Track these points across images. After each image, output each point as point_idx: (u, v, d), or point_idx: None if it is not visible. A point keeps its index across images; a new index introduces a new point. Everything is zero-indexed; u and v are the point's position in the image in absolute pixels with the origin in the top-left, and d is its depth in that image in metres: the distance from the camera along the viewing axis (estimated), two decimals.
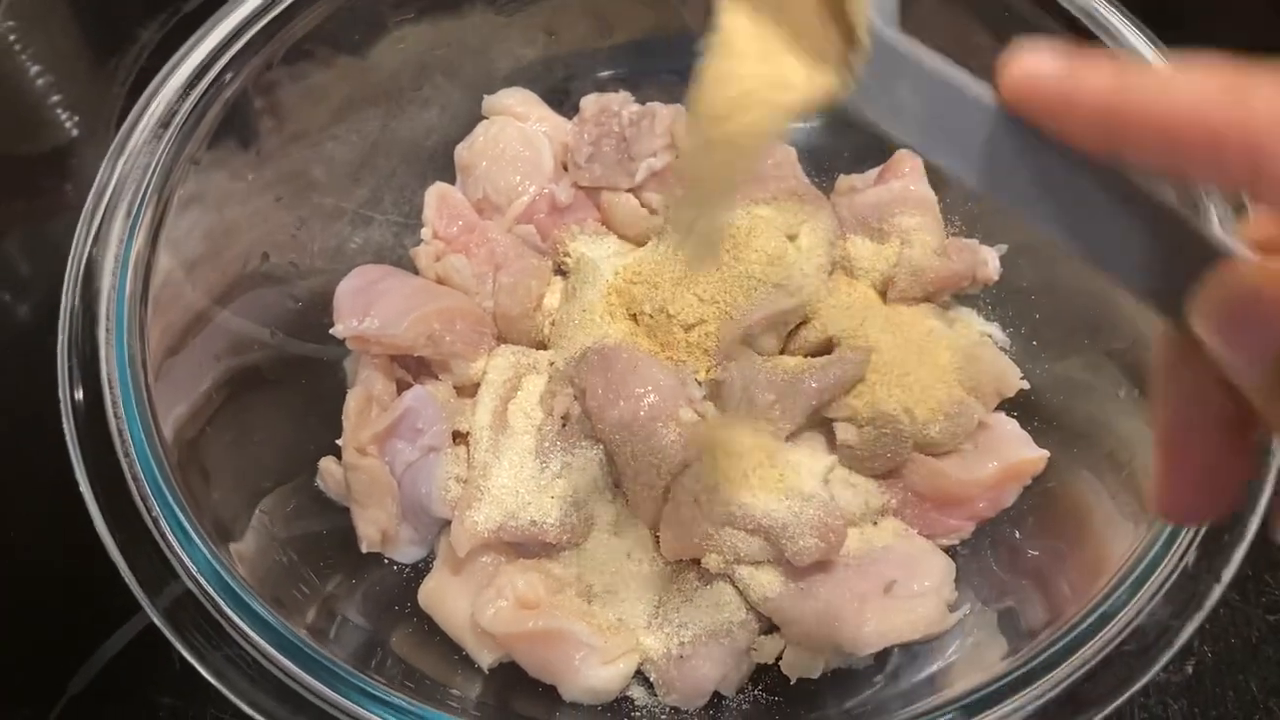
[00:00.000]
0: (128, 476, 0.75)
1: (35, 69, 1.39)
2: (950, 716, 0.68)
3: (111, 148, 0.85)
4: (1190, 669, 0.95)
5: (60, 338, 0.79)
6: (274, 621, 0.73)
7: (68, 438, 0.76)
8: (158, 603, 0.73)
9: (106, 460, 0.76)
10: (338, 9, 0.96)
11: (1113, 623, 0.69)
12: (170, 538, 0.74)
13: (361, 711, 0.71)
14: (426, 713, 0.72)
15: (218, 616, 0.72)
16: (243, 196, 0.94)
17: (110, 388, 0.77)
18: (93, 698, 0.96)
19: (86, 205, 0.83)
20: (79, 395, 0.77)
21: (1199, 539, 0.70)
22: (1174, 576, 0.69)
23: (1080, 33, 0.90)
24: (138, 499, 0.75)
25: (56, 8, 1.45)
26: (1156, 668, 0.67)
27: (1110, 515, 0.82)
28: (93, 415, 0.77)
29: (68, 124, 1.37)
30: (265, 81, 0.94)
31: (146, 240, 0.83)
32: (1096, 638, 0.69)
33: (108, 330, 0.79)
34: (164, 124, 0.87)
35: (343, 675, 0.72)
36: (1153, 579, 0.70)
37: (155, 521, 0.74)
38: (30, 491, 1.02)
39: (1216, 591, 0.68)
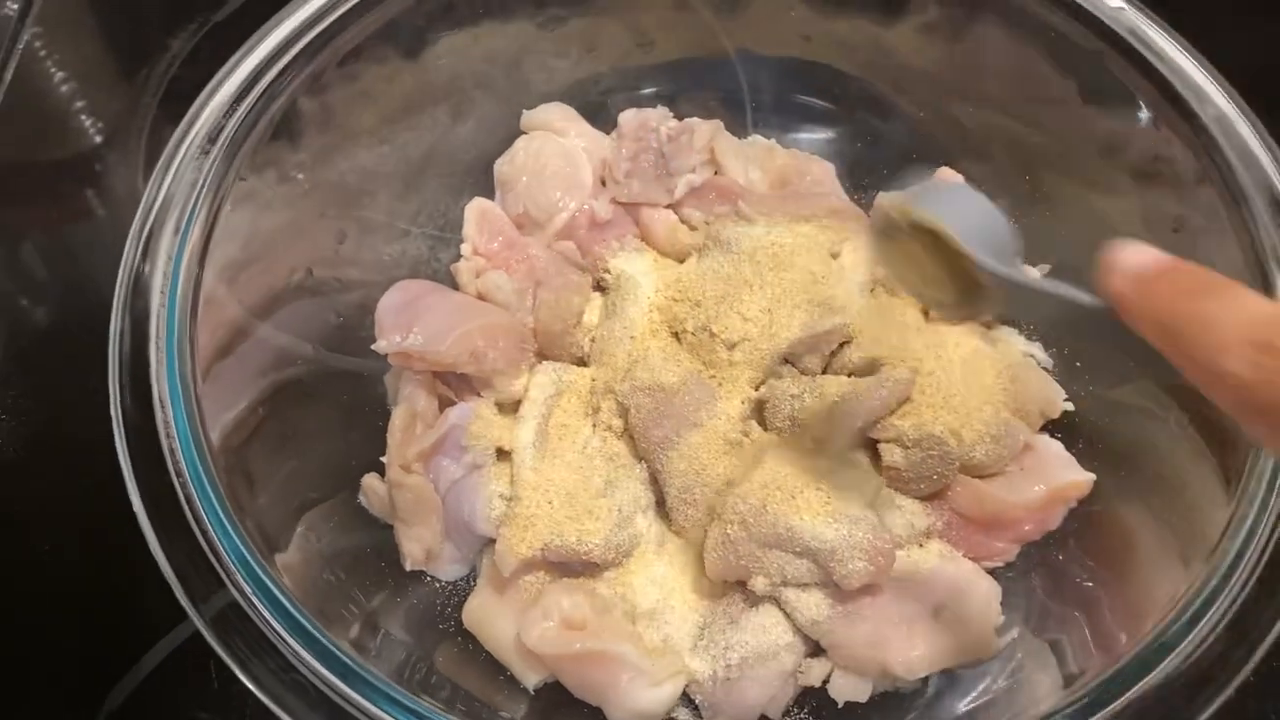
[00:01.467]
0: (177, 488, 0.76)
1: (60, 75, 1.39)
2: None
3: (159, 164, 0.86)
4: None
5: (110, 352, 0.79)
6: (318, 634, 0.73)
7: (119, 452, 0.76)
8: (203, 611, 0.73)
9: (156, 473, 0.76)
10: (382, 24, 0.96)
11: (1170, 657, 0.68)
12: (218, 547, 0.74)
13: None
14: None
15: (263, 628, 0.73)
16: (287, 212, 0.94)
17: (161, 403, 0.78)
18: (130, 712, 0.96)
19: (134, 221, 0.83)
20: (129, 408, 0.78)
21: (1260, 570, 0.70)
22: (1232, 611, 0.69)
23: (1125, 51, 0.90)
24: (187, 510, 0.75)
25: (84, 16, 1.45)
26: (1215, 704, 0.67)
27: (1160, 540, 0.82)
28: (143, 429, 0.77)
29: (91, 131, 1.37)
30: (310, 96, 0.94)
31: (195, 256, 0.83)
32: (1152, 673, 0.68)
33: (158, 346, 0.79)
34: (211, 139, 0.87)
35: (388, 692, 0.72)
36: (1210, 613, 0.69)
37: (203, 532, 0.75)
38: (61, 501, 1.01)
39: (1278, 626, 0.68)
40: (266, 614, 0.73)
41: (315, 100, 0.95)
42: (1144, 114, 0.90)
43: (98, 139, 1.36)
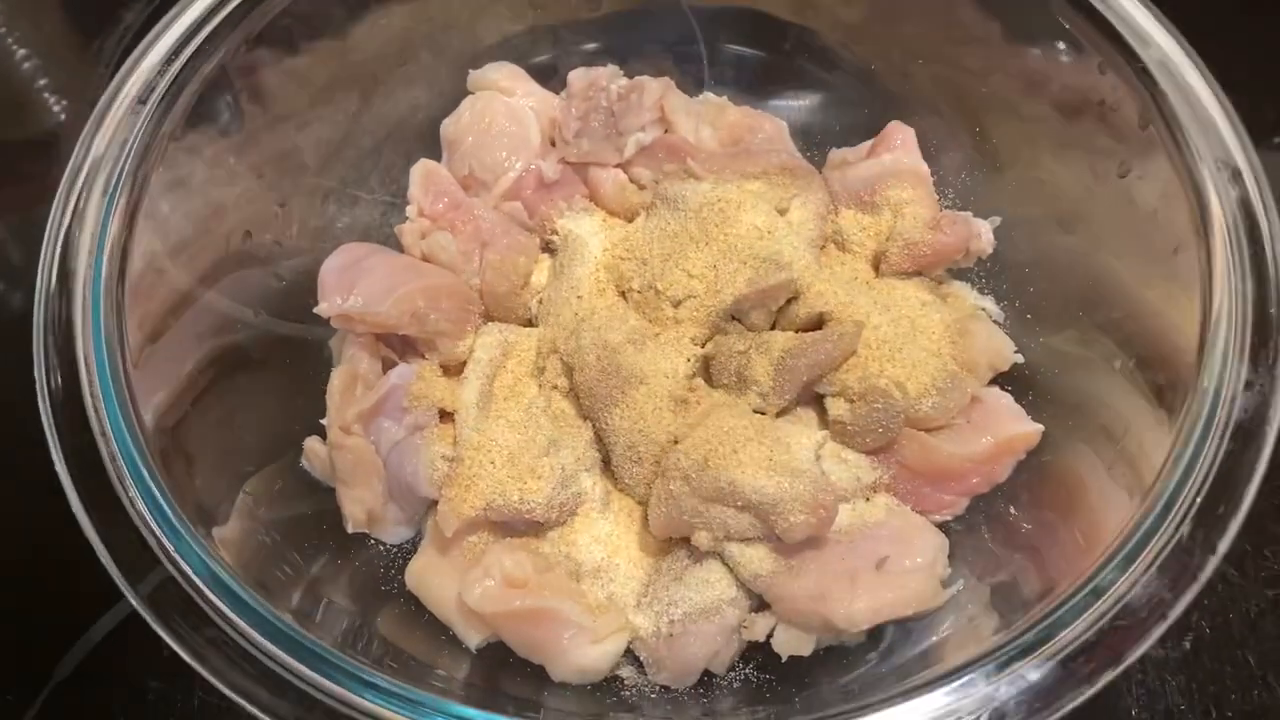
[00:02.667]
0: (106, 460, 0.74)
1: (21, 53, 1.38)
2: (941, 692, 0.67)
3: (88, 125, 0.84)
4: (1188, 644, 0.94)
5: (36, 319, 0.78)
6: (257, 606, 0.72)
7: (44, 420, 0.75)
8: (139, 588, 0.72)
9: (85, 444, 0.75)
10: None
11: (1105, 596, 0.68)
12: (151, 523, 0.73)
13: (347, 694, 0.70)
14: (413, 693, 0.71)
15: (200, 602, 0.72)
16: (224, 174, 0.93)
17: (87, 369, 0.76)
18: (79, 682, 0.95)
19: (62, 182, 0.82)
20: (56, 379, 0.76)
21: (1194, 511, 0.69)
22: (1168, 549, 0.68)
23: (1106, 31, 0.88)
24: (116, 483, 0.74)
25: None
26: (1150, 641, 0.66)
27: (1105, 488, 0.81)
28: (70, 398, 0.76)
29: (55, 108, 1.36)
30: (245, 57, 0.92)
31: (124, 218, 0.82)
32: (1089, 612, 0.68)
33: (84, 310, 0.78)
34: (141, 100, 0.85)
35: (327, 658, 0.71)
36: (1146, 552, 0.68)
37: (135, 506, 0.73)
38: (15, 477, 1.01)
39: (1211, 564, 0.67)
40: (204, 588, 0.72)
41: (252, 61, 0.93)
42: (1088, 58, 0.88)
43: (61, 116, 1.35)
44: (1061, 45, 0.90)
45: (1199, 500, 0.69)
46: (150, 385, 0.81)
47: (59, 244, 0.80)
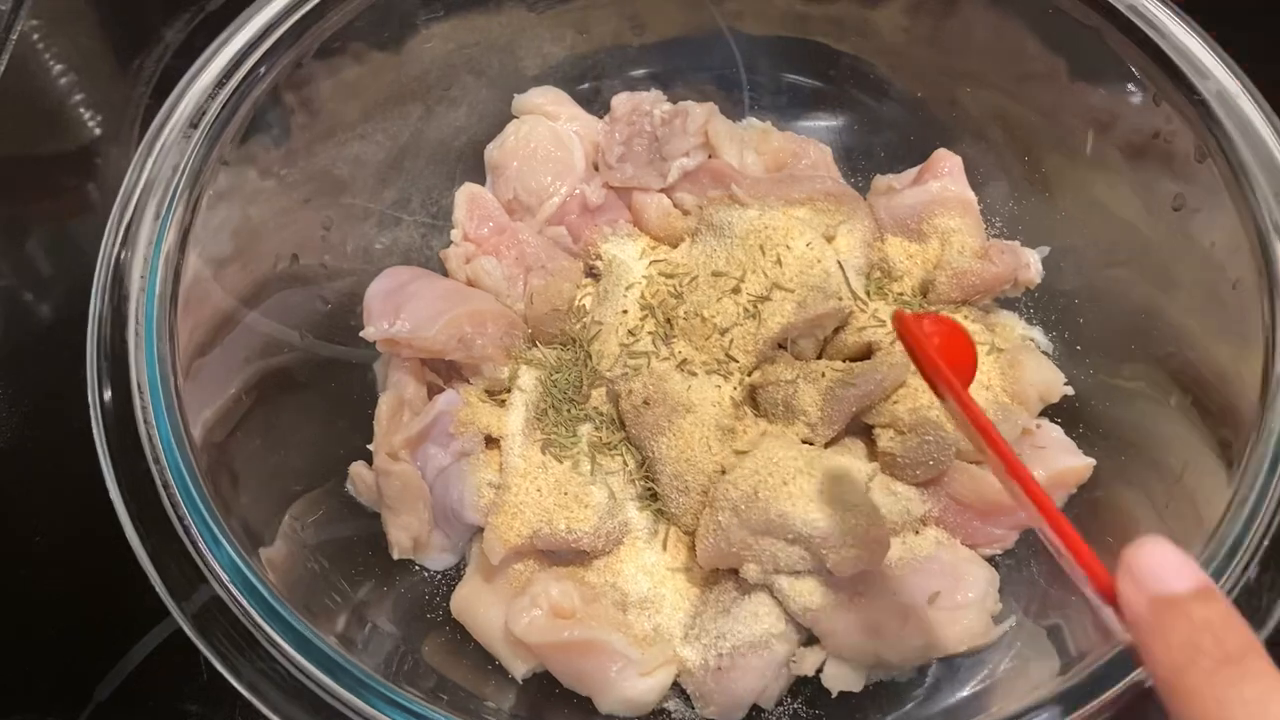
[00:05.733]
0: (157, 480, 0.74)
1: (58, 69, 1.38)
2: None
3: (140, 148, 0.84)
4: None
5: (89, 340, 0.78)
6: (303, 629, 0.71)
7: (97, 441, 0.75)
8: (186, 608, 0.72)
9: (136, 464, 0.75)
10: (367, 7, 0.95)
11: None
12: (200, 542, 0.73)
13: None
14: None
15: (246, 624, 0.71)
16: (272, 197, 0.93)
17: (140, 391, 0.76)
18: (119, 704, 0.95)
19: (115, 206, 0.82)
20: (108, 398, 0.76)
21: (1260, 553, 0.68)
22: (1235, 592, 0.67)
23: (1123, 26, 0.88)
24: (167, 503, 0.74)
25: (80, 7, 1.44)
26: None
27: (1159, 527, 0.80)
28: (122, 418, 0.76)
29: (90, 124, 1.36)
30: (295, 80, 0.92)
31: (176, 241, 0.82)
32: None
33: (137, 333, 0.78)
34: (193, 124, 0.85)
35: (372, 685, 0.70)
36: None
37: (184, 526, 0.73)
38: (55, 492, 1.01)
39: None
40: (250, 609, 0.71)
41: (300, 85, 0.93)
42: (1143, 90, 0.88)
43: (96, 131, 1.35)
44: (1115, 76, 0.90)
45: (1265, 542, 0.68)
46: (199, 407, 0.81)
47: (111, 268, 0.80)
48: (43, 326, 1.16)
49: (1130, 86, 0.89)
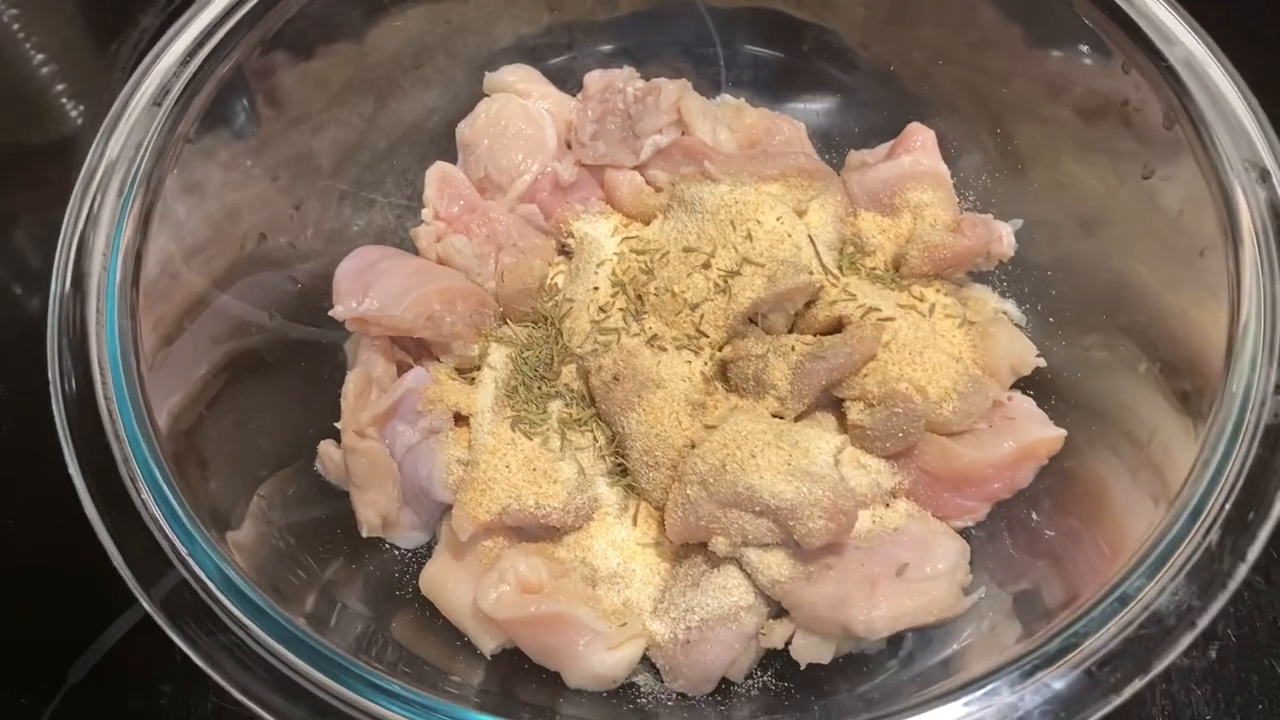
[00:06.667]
0: (120, 464, 0.74)
1: (39, 58, 1.38)
2: (962, 701, 0.66)
3: (103, 127, 0.84)
4: (1214, 653, 0.93)
5: (50, 321, 0.77)
6: (271, 610, 0.71)
7: (58, 423, 0.75)
8: (153, 592, 0.71)
9: (100, 448, 0.74)
10: None
11: (1132, 604, 0.66)
12: (165, 526, 0.73)
13: (360, 700, 0.69)
14: (427, 699, 0.70)
15: (214, 606, 0.71)
16: (238, 176, 0.92)
17: (101, 372, 0.76)
18: (93, 686, 0.95)
19: (77, 185, 0.82)
20: (71, 382, 0.76)
21: (1222, 518, 0.67)
22: (1196, 556, 0.67)
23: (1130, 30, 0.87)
24: (131, 487, 0.73)
25: None
26: (1178, 650, 0.65)
27: (1130, 494, 0.80)
28: (85, 401, 0.76)
29: (72, 113, 1.36)
30: (260, 59, 0.92)
31: (139, 220, 0.81)
32: (1115, 620, 0.66)
33: (98, 313, 0.77)
34: (156, 102, 0.85)
35: (341, 663, 0.70)
36: (1174, 559, 0.67)
37: (149, 510, 0.73)
38: (33, 480, 1.01)
39: (1241, 571, 0.66)
40: (218, 592, 0.71)
41: (266, 63, 0.93)
42: (1112, 58, 0.87)
43: (79, 120, 1.35)
44: (1084, 45, 0.89)
45: (1228, 507, 0.68)
46: (165, 389, 0.80)
47: (73, 246, 0.80)
48: (30, 320, 1.16)
49: (1099, 55, 0.88)
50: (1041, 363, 0.92)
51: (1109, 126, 0.90)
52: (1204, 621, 0.65)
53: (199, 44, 0.88)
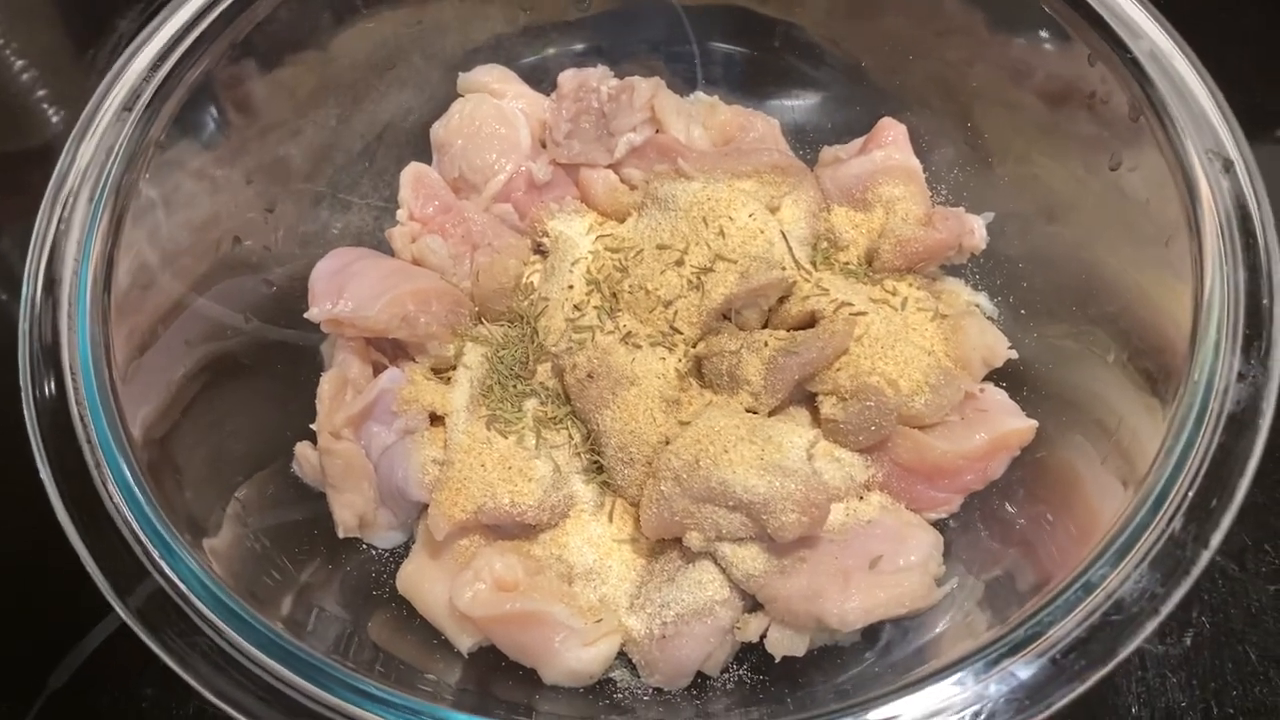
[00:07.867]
0: (93, 471, 0.74)
1: (19, 64, 1.38)
2: (930, 690, 0.66)
3: (74, 132, 0.84)
4: (1188, 640, 0.93)
5: (21, 327, 0.77)
6: (247, 615, 0.71)
7: (29, 430, 0.75)
8: (129, 600, 0.71)
9: (72, 454, 0.74)
10: None
11: (1096, 591, 0.67)
12: (139, 533, 0.73)
13: (339, 701, 0.69)
14: (404, 699, 0.70)
15: (190, 612, 0.71)
16: (211, 180, 0.92)
17: (74, 378, 0.76)
18: (74, 692, 0.95)
19: (48, 190, 0.82)
20: (43, 388, 0.76)
21: (1185, 505, 0.68)
22: (1160, 543, 0.67)
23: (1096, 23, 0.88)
24: (104, 494, 0.73)
25: (39, 3, 1.44)
26: (1141, 638, 0.65)
27: (1101, 483, 0.80)
28: (57, 408, 0.76)
29: (54, 118, 1.36)
30: (232, 63, 0.92)
31: (110, 225, 0.82)
32: (1080, 607, 0.67)
33: (70, 318, 0.77)
34: (127, 107, 0.85)
35: (318, 665, 0.70)
36: (1138, 546, 0.68)
37: (123, 517, 0.73)
38: (12, 487, 1.00)
39: (1204, 558, 0.66)
40: (194, 598, 0.71)
41: (238, 67, 0.93)
42: (1079, 51, 0.87)
43: (60, 126, 1.35)
44: (1051, 37, 0.90)
45: (1190, 494, 0.68)
46: (140, 395, 0.81)
47: (45, 251, 0.80)
48: (13, 324, 1.15)
49: (1064, 47, 0.89)
50: (1013, 354, 0.92)
51: (1076, 118, 0.90)
52: (1167, 608, 0.66)
53: (169, 48, 0.88)
